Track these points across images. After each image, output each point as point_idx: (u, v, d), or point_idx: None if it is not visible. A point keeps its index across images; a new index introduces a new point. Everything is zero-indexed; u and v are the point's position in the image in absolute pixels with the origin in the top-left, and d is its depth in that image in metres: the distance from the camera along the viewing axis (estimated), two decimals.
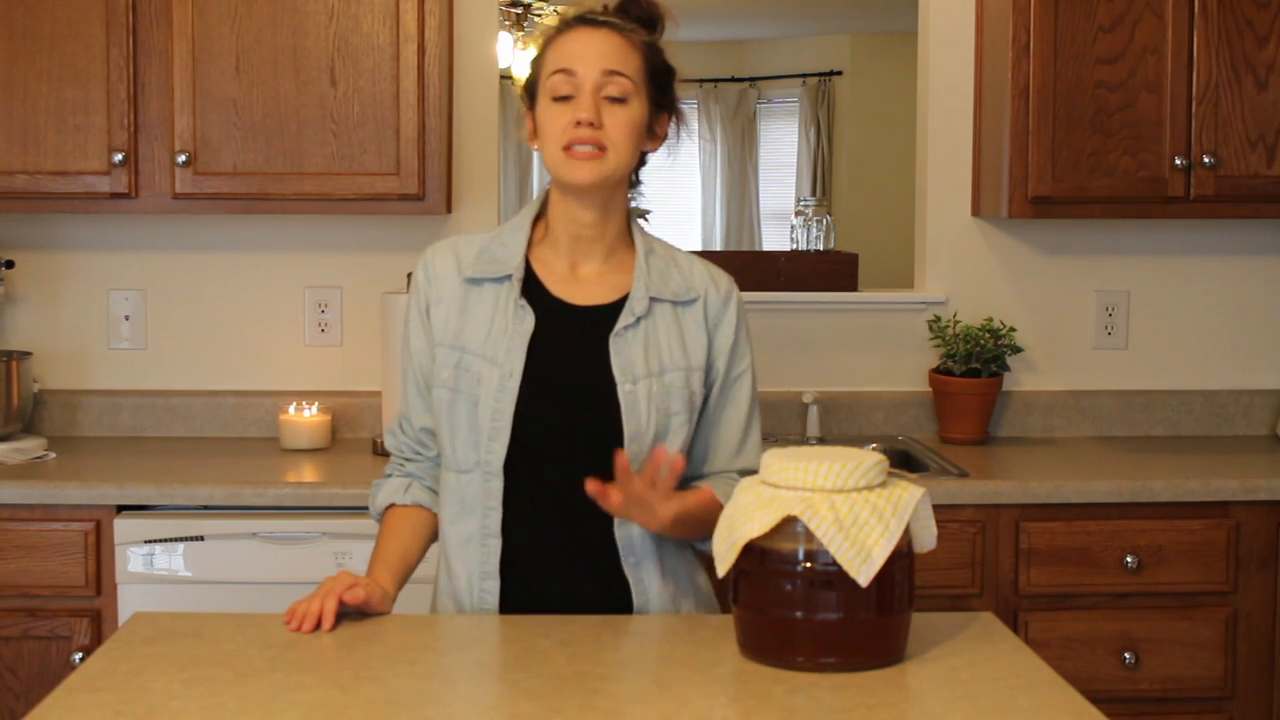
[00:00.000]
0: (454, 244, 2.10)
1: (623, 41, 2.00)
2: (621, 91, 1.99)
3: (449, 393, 2.02)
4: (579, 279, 2.07)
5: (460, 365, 2.02)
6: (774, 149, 10.68)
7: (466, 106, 3.54)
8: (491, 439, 1.99)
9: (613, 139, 1.98)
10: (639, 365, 2.00)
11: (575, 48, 2.00)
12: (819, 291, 3.75)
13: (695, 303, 2.07)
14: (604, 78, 1.98)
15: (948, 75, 3.61)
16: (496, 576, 2.02)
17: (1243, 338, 3.68)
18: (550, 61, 2.01)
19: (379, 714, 1.61)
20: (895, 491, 1.76)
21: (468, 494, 2.02)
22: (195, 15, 3.16)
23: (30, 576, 2.91)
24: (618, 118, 1.98)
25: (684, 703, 1.65)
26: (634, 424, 1.99)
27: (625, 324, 2.02)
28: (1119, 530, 3.00)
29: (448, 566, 2.07)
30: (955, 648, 1.82)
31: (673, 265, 2.09)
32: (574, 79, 1.98)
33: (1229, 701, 3.03)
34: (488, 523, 2.01)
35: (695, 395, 2.04)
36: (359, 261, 3.55)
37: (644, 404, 1.99)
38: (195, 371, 3.56)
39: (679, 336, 2.05)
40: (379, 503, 2.14)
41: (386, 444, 2.19)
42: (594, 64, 1.98)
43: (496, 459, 1.99)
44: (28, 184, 3.19)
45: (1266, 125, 3.26)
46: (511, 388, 1.99)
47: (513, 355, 2.00)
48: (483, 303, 2.04)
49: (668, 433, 2.01)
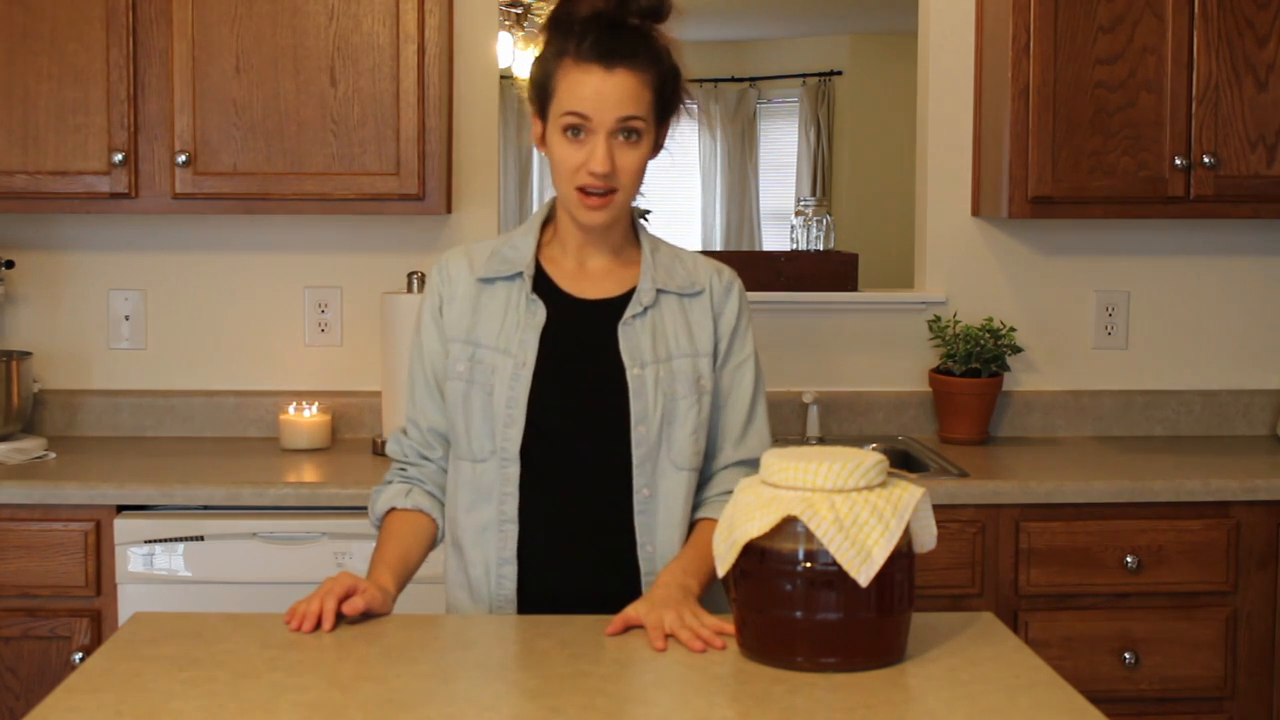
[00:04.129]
0: (467, 249, 2.15)
1: (637, 82, 1.99)
2: (635, 129, 2.00)
3: (464, 384, 2.06)
4: (587, 275, 2.11)
5: (474, 358, 2.06)
6: (774, 149, 10.68)
7: (466, 106, 3.54)
8: (507, 426, 2.03)
9: (623, 181, 2.01)
10: (647, 351, 2.05)
11: (590, 94, 1.98)
12: (819, 291, 3.75)
13: (701, 294, 2.12)
14: (618, 124, 1.99)
15: (948, 75, 3.61)
16: (514, 562, 2.04)
17: (1243, 338, 3.67)
18: (563, 96, 1.99)
19: (379, 714, 1.61)
20: (895, 491, 1.76)
21: (483, 482, 2.05)
22: (195, 15, 3.16)
23: (30, 576, 2.91)
24: (628, 160, 2.00)
25: (684, 703, 1.65)
26: (641, 406, 2.03)
27: (634, 313, 2.07)
28: (1119, 530, 3.00)
29: (462, 556, 2.09)
30: (955, 648, 1.83)
31: (677, 261, 2.14)
32: (587, 123, 1.99)
33: (1229, 701, 3.03)
34: (505, 509, 2.04)
35: (703, 379, 2.08)
36: (359, 261, 3.55)
37: (651, 387, 2.04)
38: (195, 371, 3.56)
39: (685, 325, 2.10)
40: (379, 508, 2.15)
41: (388, 450, 2.20)
42: (610, 111, 1.98)
43: (513, 445, 2.03)
44: (28, 184, 3.19)
45: (1266, 125, 3.26)
46: (525, 376, 2.03)
47: (526, 346, 2.04)
48: (495, 300, 2.09)
49: (675, 416, 2.05)
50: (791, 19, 9.72)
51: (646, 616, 1.87)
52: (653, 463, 2.04)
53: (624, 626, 1.88)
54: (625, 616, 1.89)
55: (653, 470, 2.04)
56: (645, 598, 1.93)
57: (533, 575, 2.05)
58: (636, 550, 2.05)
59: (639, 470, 2.04)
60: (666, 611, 1.87)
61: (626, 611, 1.90)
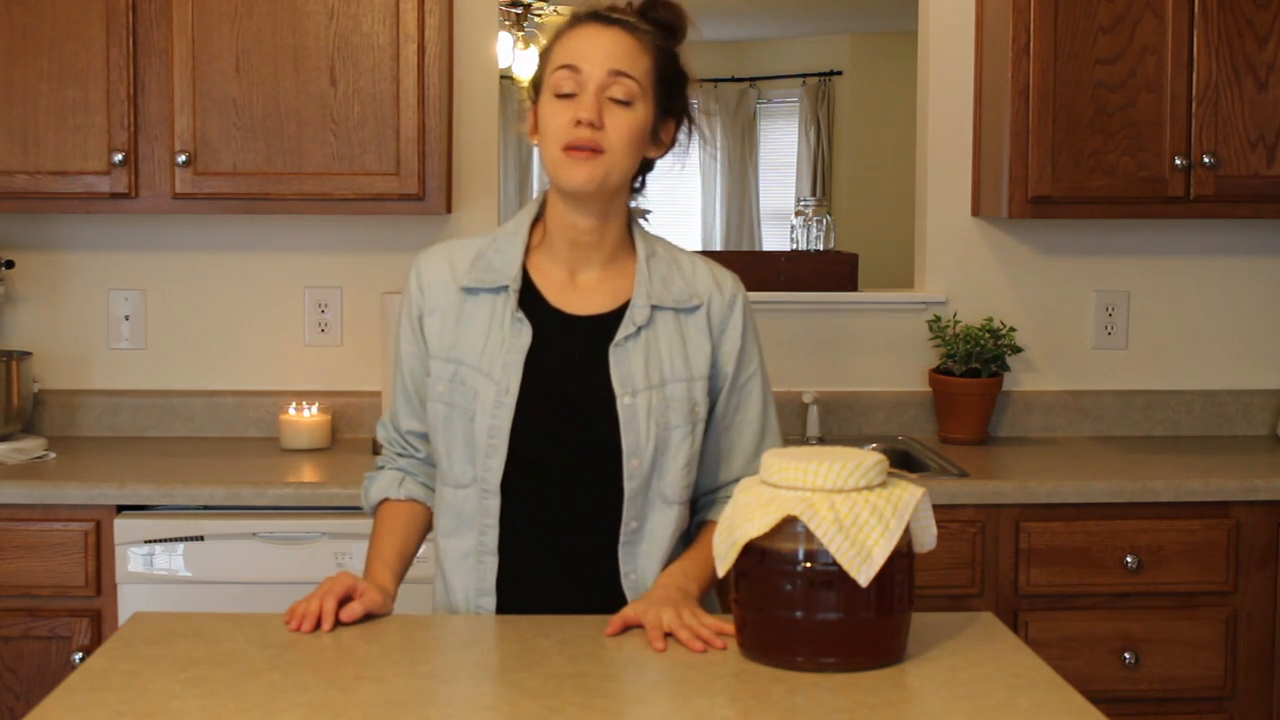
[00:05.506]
0: (448, 250, 2.05)
1: (634, 42, 1.95)
2: (626, 94, 1.93)
3: (444, 407, 1.99)
4: (578, 287, 2.02)
5: (455, 378, 1.98)
6: (774, 149, 10.69)
7: (466, 106, 3.54)
8: (488, 456, 1.96)
9: (612, 142, 1.92)
10: (639, 377, 1.96)
11: (582, 44, 1.94)
12: (819, 291, 3.75)
13: (699, 310, 2.02)
14: (609, 78, 1.92)
15: (948, 75, 3.61)
16: (493, 594, 2.00)
17: (1243, 338, 3.68)
18: (557, 56, 1.96)
19: (379, 714, 1.60)
20: (895, 491, 1.76)
21: (464, 510, 2.00)
22: (195, 15, 3.16)
23: (30, 576, 2.91)
24: (619, 120, 1.93)
25: (684, 703, 1.65)
26: (632, 438, 1.95)
27: (626, 334, 1.97)
28: (1119, 530, 3.00)
29: (444, 580, 2.05)
30: (955, 648, 1.82)
31: (675, 269, 2.03)
32: (578, 76, 1.92)
33: (1229, 701, 3.03)
34: (484, 540, 1.99)
35: (698, 407, 2.00)
36: (359, 261, 3.55)
37: (643, 418, 1.95)
38: (195, 371, 3.56)
39: (681, 346, 2.00)
40: (372, 497, 2.13)
41: (378, 435, 2.17)
42: (600, 62, 1.92)
43: (494, 476, 1.96)
44: (28, 184, 3.19)
45: (1266, 125, 3.26)
46: (508, 404, 1.95)
47: (509, 371, 1.96)
48: (479, 313, 2.00)
49: (668, 446, 1.97)
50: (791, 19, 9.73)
51: (645, 615, 1.84)
52: (643, 496, 1.96)
53: (623, 626, 1.86)
54: (624, 616, 1.87)
55: (643, 504, 1.97)
56: (644, 597, 1.91)
57: (513, 605, 2.00)
58: (620, 580, 1.99)
59: (629, 504, 1.96)
60: (665, 610, 1.84)
61: (625, 611, 1.88)
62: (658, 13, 2.00)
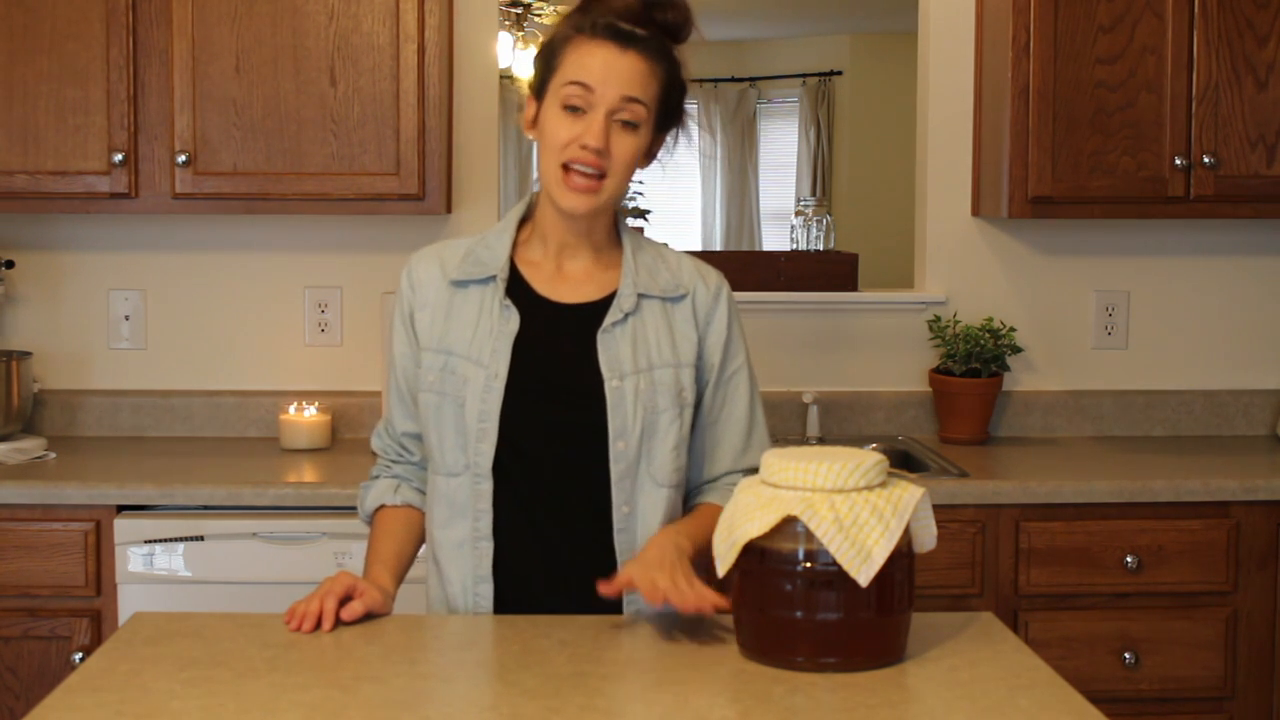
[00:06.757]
0: (438, 250, 2.09)
1: (647, 68, 1.96)
2: (634, 118, 1.96)
3: (435, 396, 2.01)
4: (565, 277, 2.05)
5: (446, 368, 2.00)
6: (774, 149, 10.69)
7: (466, 106, 3.54)
8: (479, 440, 1.98)
9: (614, 168, 1.96)
10: (626, 361, 1.99)
11: (598, 66, 1.94)
12: (819, 291, 3.76)
13: (684, 299, 2.05)
14: (620, 102, 1.95)
15: (948, 75, 3.61)
16: (490, 580, 2.01)
17: (1243, 338, 3.68)
18: (569, 67, 1.96)
19: (379, 714, 1.61)
20: (895, 491, 1.76)
21: (458, 498, 2.01)
22: (195, 15, 3.16)
23: (30, 576, 2.91)
24: (624, 145, 1.96)
25: (684, 703, 1.65)
26: (619, 420, 1.97)
27: (613, 320, 2.00)
28: (1119, 530, 3.00)
29: (439, 571, 2.05)
30: (955, 648, 1.83)
31: (660, 262, 2.07)
32: (590, 96, 1.94)
33: (1229, 701, 3.03)
34: (479, 526, 2.00)
35: (685, 392, 2.02)
36: (359, 261, 3.55)
37: (630, 401, 1.97)
38: (195, 371, 3.56)
39: (668, 333, 2.03)
40: (368, 504, 2.14)
41: (372, 444, 2.19)
42: (615, 87, 1.94)
43: (485, 460, 1.98)
44: (28, 184, 3.19)
45: (1266, 125, 3.26)
46: (497, 388, 1.97)
47: (498, 356, 1.98)
48: (468, 305, 2.02)
49: (656, 429, 1.99)
50: (791, 19, 9.73)
51: (639, 578, 1.86)
52: (632, 479, 1.98)
53: (619, 589, 1.88)
54: (621, 580, 1.88)
55: (632, 487, 1.99)
56: (638, 557, 1.92)
57: (511, 592, 2.01)
58: (617, 569, 1.98)
59: (618, 487, 1.98)
60: (660, 574, 1.85)
61: (621, 574, 1.89)
62: (664, 14, 2.00)
